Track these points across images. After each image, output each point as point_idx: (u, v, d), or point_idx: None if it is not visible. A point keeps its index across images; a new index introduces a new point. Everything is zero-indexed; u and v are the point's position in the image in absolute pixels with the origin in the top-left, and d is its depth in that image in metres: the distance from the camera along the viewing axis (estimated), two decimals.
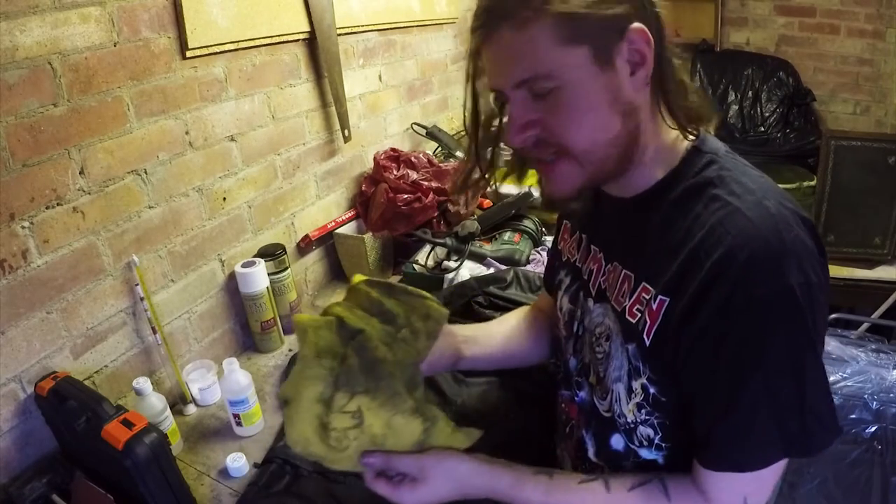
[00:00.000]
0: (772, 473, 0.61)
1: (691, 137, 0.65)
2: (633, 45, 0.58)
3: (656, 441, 0.66)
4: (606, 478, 0.67)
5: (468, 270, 1.40)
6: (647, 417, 0.66)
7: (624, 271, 0.68)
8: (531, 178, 0.87)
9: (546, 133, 0.62)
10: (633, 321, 0.65)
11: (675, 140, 0.66)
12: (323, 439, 0.67)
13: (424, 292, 0.72)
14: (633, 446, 0.69)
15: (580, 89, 0.59)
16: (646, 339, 0.63)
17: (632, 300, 0.66)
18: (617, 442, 0.71)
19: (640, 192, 0.68)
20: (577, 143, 0.61)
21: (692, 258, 0.59)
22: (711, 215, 0.59)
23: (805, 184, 2.07)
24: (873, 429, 1.38)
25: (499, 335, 0.92)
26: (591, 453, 0.75)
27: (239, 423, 1.03)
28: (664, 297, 0.61)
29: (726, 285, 0.56)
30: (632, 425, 0.68)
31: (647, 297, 0.64)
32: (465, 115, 0.72)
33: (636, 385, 0.66)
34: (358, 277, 0.72)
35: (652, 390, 0.64)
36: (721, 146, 0.67)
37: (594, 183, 0.66)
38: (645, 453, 0.68)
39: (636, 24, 0.57)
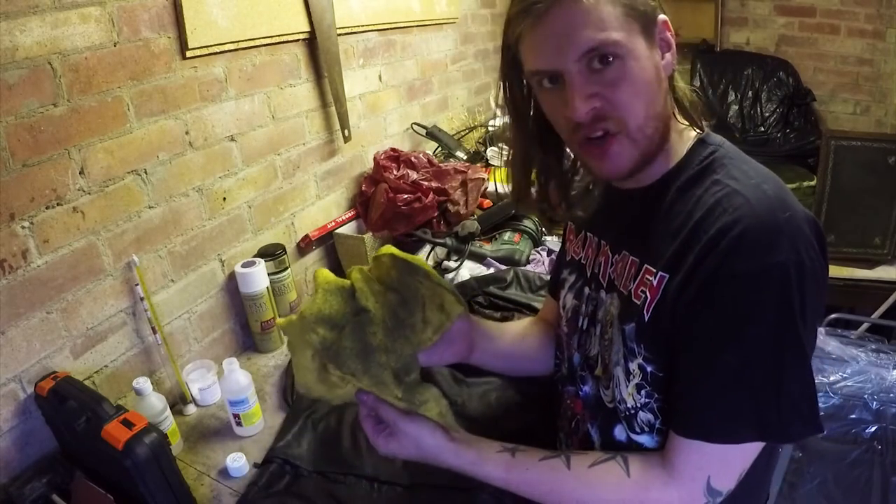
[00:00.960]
0: (740, 458, 0.62)
1: (697, 130, 0.69)
2: (662, 34, 0.65)
3: (657, 426, 0.67)
4: (568, 454, 0.68)
5: (468, 270, 1.41)
6: (647, 400, 0.67)
7: (631, 258, 0.71)
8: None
9: (608, 106, 0.62)
10: (638, 302, 0.67)
11: (683, 132, 0.70)
12: (323, 382, 0.70)
13: (446, 282, 0.71)
14: (633, 436, 0.69)
15: (638, 62, 0.62)
16: (645, 314, 0.65)
17: (636, 283, 0.68)
18: (619, 433, 0.72)
19: (651, 182, 0.71)
20: (636, 116, 0.63)
21: (691, 237, 0.62)
22: (711, 197, 0.62)
23: (805, 184, 2.07)
24: (873, 429, 1.39)
25: (516, 336, 0.94)
26: (597, 446, 0.76)
27: (239, 423, 1.03)
28: (664, 274, 0.64)
29: (717, 258, 0.58)
30: (632, 411, 0.69)
31: (650, 278, 0.66)
32: (502, 106, 0.74)
33: (633, 366, 0.67)
34: (385, 249, 0.71)
35: (649, 368, 0.66)
36: (725, 139, 0.70)
37: (644, 161, 0.66)
38: (646, 441, 0.69)
39: (663, 16, 0.65)
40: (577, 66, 0.61)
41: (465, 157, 1.91)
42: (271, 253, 1.28)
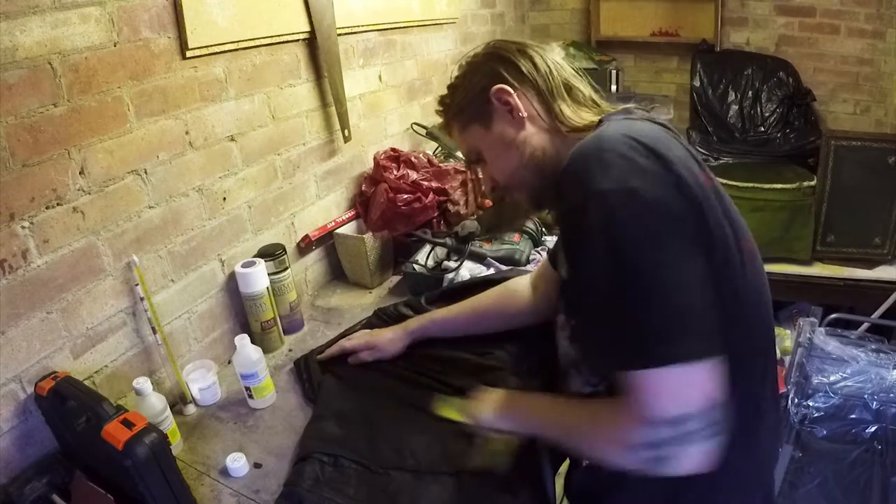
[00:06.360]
0: (664, 382, 0.59)
1: (588, 127, 0.76)
2: (501, 100, 0.80)
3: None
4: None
5: (468, 270, 1.40)
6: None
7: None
8: None
9: (493, 181, 0.87)
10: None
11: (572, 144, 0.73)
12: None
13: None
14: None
15: (488, 148, 0.84)
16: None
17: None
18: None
19: None
20: (502, 180, 0.85)
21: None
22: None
23: (805, 184, 2.07)
24: (873, 429, 1.39)
25: (464, 315, 1.13)
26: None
27: (251, 396, 1.08)
28: None
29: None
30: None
31: None
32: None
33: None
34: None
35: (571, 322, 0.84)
36: (618, 118, 0.74)
37: (538, 194, 0.83)
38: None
39: (494, 87, 0.79)
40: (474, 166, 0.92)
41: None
42: (271, 253, 1.28)
